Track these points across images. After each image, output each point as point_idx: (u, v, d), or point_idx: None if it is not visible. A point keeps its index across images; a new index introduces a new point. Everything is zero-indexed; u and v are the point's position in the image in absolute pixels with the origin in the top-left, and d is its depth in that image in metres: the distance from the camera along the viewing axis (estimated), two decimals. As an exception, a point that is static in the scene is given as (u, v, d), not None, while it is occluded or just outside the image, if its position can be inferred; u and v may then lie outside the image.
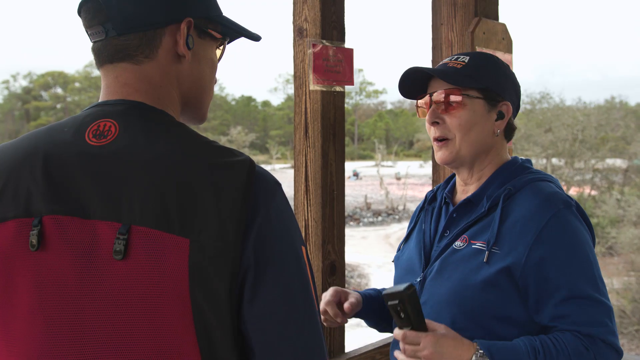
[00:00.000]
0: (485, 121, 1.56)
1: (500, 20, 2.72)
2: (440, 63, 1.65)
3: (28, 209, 0.96)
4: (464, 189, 1.64)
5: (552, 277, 1.40)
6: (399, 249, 1.77)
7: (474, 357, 1.34)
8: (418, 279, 1.57)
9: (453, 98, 1.54)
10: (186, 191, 0.92)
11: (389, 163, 62.63)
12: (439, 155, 1.59)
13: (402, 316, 1.29)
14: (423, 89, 1.62)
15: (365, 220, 32.51)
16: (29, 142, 1.02)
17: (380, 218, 33.25)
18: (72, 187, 0.95)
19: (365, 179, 49.22)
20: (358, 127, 75.82)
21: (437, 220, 1.66)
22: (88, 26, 1.06)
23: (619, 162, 26.95)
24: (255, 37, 1.21)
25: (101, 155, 0.96)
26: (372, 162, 60.80)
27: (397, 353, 1.37)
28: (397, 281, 1.69)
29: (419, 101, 1.64)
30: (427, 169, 51.35)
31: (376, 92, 76.65)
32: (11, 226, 0.96)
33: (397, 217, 33.51)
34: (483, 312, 1.44)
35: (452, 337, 1.35)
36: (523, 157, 1.65)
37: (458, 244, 1.52)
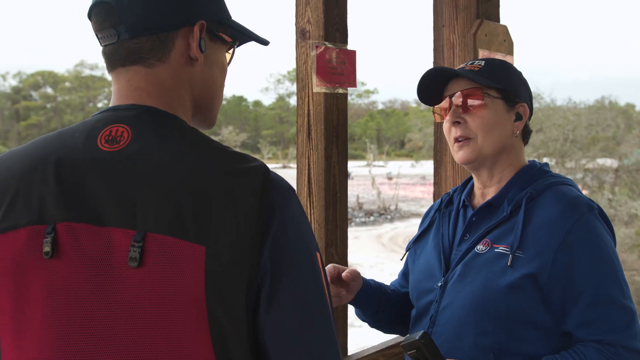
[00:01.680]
0: (505, 121, 1.56)
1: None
2: (458, 68, 1.65)
3: (41, 216, 0.94)
4: (483, 192, 1.63)
5: (578, 281, 1.41)
6: (408, 248, 1.77)
7: None
8: (439, 284, 1.57)
9: (475, 98, 1.55)
10: (201, 198, 0.91)
11: (381, 163, 62.72)
12: (460, 154, 1.57)
13: None
14: (439, 93, 1.62)
15: (358, 220, 32.48)
16: (39, 148, 1.01)
17: (372, 218, 33.23)
18: (85, 193, 0.94)
19: (357, 179, 49.18)
20: (349, 127, 75.69)
21: (454, 224, 1.65)
22: (99, 29, 1.05)
23: (609, 162, 27.05)
24: (264, 42, 1.21)
25: (114, 161, 0.95)
26: (363, 162, 60.79)
27: None
28: (414, 285, 1.69)
29: (436, 106, 1.64)
30: (419, 169, 51.46)
31: (367, 92, 76.75)
32: (24, 234, 0.94)
33: (389, 217, 33.51)
34: (507, 316, 1.44)
35: None
36: (540, 161, 1.65)
37: (480, 247, 1.52)
